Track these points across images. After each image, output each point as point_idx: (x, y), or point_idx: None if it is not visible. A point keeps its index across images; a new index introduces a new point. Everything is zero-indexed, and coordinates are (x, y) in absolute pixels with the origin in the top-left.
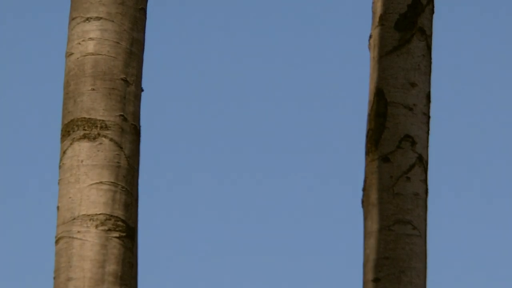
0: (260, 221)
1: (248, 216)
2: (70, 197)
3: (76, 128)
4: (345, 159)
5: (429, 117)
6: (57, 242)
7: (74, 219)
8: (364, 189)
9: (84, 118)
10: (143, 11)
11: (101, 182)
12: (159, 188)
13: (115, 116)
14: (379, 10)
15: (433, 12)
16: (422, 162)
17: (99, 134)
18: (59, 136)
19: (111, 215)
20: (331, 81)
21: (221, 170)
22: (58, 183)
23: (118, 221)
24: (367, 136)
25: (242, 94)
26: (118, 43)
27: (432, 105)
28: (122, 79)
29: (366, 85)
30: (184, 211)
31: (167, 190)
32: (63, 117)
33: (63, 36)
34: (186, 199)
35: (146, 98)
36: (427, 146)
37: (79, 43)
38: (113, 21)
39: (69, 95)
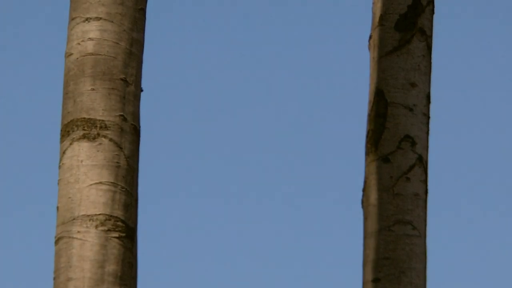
0: (260, 221)
1: (248, 216)
2: (69, 197)
3: (75, 128)
4: (345, 160)
5: (429, 117)
6: (56, 242)
7: (74, 219)
8: (364, 190)
9: (84, 118)
10: (142, 11)
11: (100, 182)
12: (159, 188)
13: (114, 116)
14: (379, 11)
15: (433, 13)
16: (422, 162)
17: (98, 134)
18: (59, 136)
19: (111, 215)
20: (331, 82)
21: (221, 170)
22: (58, 183)
23: (117, 221)
24: (367, 137)
25: (242, 94)
26: (117, 43)
27: (432, 105)
28: (121, 79)
29: (366, 86)
30: (184, 211)
31: (167, 190)
32: (63, 117)
33: (63, 36)
34: (186, 199)
35: (145, 98)
36: (427, 147)
37: (79, 43)
38: (112, 22)
39: (69, 95)
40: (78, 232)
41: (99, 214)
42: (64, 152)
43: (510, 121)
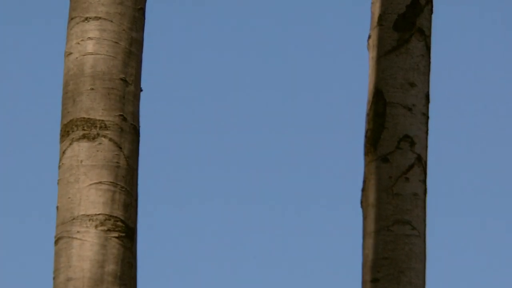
0: (259, 220)
1: (248, 215)
2: (69, 197)
3: (75, 128)
4: (344, 160)
5: (428, 117)
6: (56, 242)
7: (74, 219)
8: (363, 190)
9: (84, 118)
10: (142, 11)
11: (100, 182)
12: (159, 188)
13: (114, 116)
14: (378, 11)
15: (432, 12)
16: (421, 162)
17: (98, 134)
18: (59, 136)
19: (111, 215)
20: (330, 81)
21: (220, 170)
22: (58, 183)
23: (117, 221)
24: (366, 137)
25: (241, 94)
26: (117, 43)
27: (431, 105)
28: (121, 79)
29: (365, 86)
30: (184, 211)
31: (166, 190)
32: (62, 117)
33: (63, 36)
34: (185, 199)
35: (145, 98)
36: (426, 146)
37: (78, 43)
38: (112, 21)
39: (68, 95)
40: (78, 232)
41: (99, 214)
42: (63, 152)
43: (509, 120)
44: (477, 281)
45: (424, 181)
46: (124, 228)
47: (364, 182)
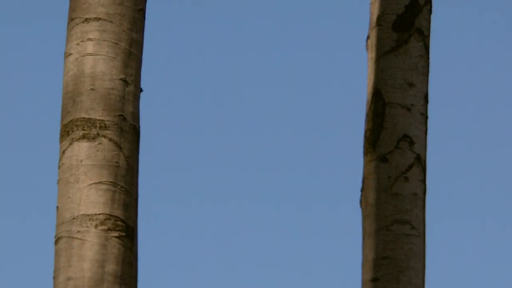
0: (259, 221)
1: (248, 215)
2: (69, 197)
3: (75, 128)
4: (344, 160)
5: (427, 117)
6: (56, 242)
7: (74, 219)
8: (362, 190)
9: (84, 118)
10: (142, 11)
11: (100, 182)
12: (159, 188)
13: (114, 116)
14: (376, 11)
15: (430, 13)
16: (420, 162)
17: (98, 134)
18: (59, 136)
19: (111, 215)
20: (329, 82)
21: (220, 169)
22: (58, 183)
23: (117, 220)
24: (365, 137)
25: (241, 94)
26: (117, 43)
27: (430, 105)
28: (121, 79)
29: (364, 86)
30: (184, 211)
31: (166, 190)
32: (62, 117)
33: (63, 36)
34: (185, 199)
35: (145, 98)
36: (425, 146)
37: (78, 44)
38: (112, 22)
39: (68, 95)
40: (78, 231)
41: (99, 214)
42: (63, 152)
43: (508, 120)
44: (477, 281)
45: (423, 181)
46: (124, 227)
47: (364, 182)
